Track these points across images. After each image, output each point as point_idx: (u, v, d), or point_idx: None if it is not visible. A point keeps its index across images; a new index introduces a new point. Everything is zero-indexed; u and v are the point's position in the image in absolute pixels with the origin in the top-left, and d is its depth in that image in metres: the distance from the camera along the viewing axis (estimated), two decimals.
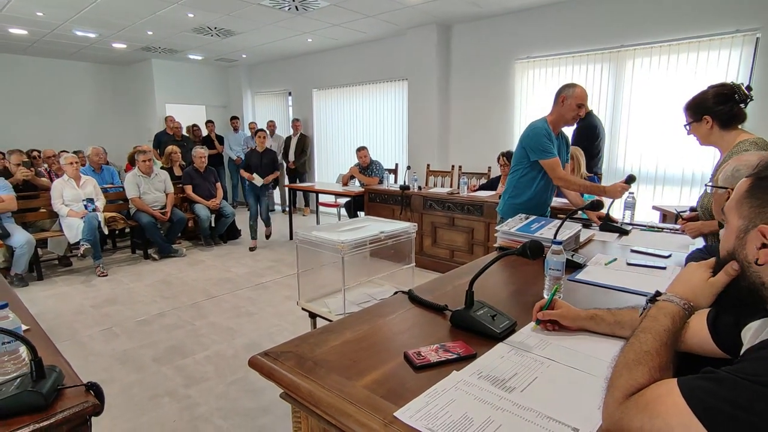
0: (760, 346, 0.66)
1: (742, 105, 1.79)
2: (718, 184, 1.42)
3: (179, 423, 2.21)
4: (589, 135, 4.23)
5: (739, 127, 1.81)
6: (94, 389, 0.97)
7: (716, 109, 1.79)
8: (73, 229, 4.51)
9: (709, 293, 0.81)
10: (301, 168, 7.59)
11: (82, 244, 4.42)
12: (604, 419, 0.74)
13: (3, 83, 7.41)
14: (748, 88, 1.79)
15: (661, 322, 0.79)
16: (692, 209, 2.49)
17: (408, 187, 4.72)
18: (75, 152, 5.56)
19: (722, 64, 3.91)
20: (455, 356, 1.03)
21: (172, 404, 2.36)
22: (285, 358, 1.04)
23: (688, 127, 1.91)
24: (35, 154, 6.04)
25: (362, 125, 7.12)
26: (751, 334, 0.83)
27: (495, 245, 2.12)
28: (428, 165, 5.71)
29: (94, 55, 7.57)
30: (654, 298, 0.86)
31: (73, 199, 4.64)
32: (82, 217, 4.52)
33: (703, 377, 0.65)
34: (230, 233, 5.96)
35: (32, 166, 5.66)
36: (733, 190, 0.77)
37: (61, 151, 5.61)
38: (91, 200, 4.73)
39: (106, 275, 4.55)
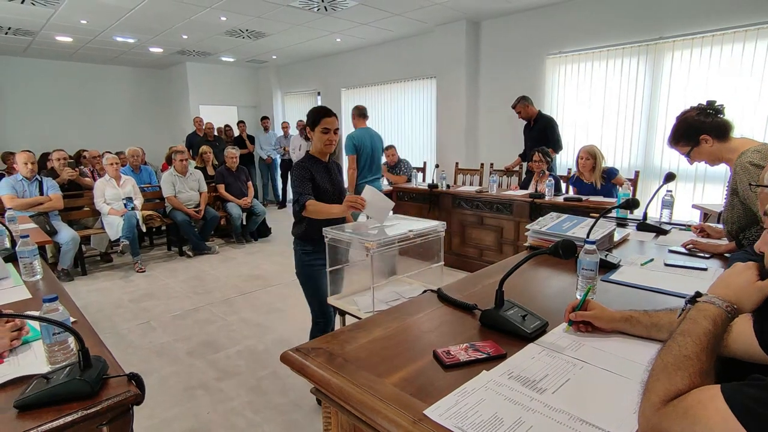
0: None
1: (721, 115, 1.76)
2: (764, 183, 1.34)
3: (213, 415, 2.28)
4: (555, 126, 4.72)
5: (732, 135, 1.75)
6: (135, 379, 1.02)
7: (707, 125, 1.75)
8: (114, 226, 4.72)
9: (755, 297, 0.76)
10: None
11: (122, 241, 4.62)
12: (640, 424, 0.72)
13: (50, 88, 7.82)
14: (712, 101, 1.79)
15: (701, 325, 0.75)
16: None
17: (436, 186, 4.70)
18: (117, 153, 5.80)
19: None
20: (485, 356, 1.03)
21: (206, 396, 2.44)
22: (316, 354, 1.06)
23: (688, 157, 1.86)
24: (85, 154, 6.35)
25: (390, 124, 7.12)
26: None
27: (525, 244, 2.08)
28: (457, 163, 5.66)
29: (133, 60, 7.88)
30: (694, 299, 0.83)
31: (114, 198, 4.85)
32: (121, 216, 4.72)
33: (749, 384, 0.62)
34: (261, 231, 6.09)
35: (78, 165, 5.95)
36: None
37: (105, 152, 5.87)
38: (130, 199, 4.93)
39: (144, 271, 4.74)
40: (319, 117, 2.18)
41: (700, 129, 1.77)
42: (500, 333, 1.16)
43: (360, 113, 4.42)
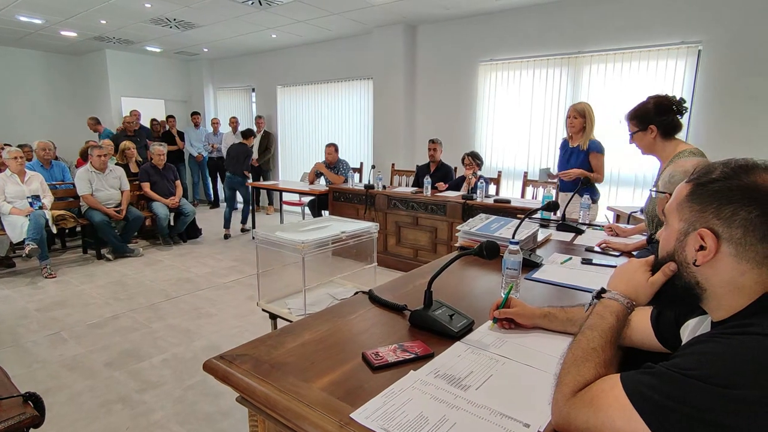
0: (692, 343, 0.70)
1: (679, 116, 1.92)
2: (660, 189, 1.52)
3: (133, 430, 2.12)
4: None
5: (676, 137, 1.94)
6: (32, 400, 0.92)
7: (660, 119, 1.91)
8: (17, 227, 4.24)
9: (649, 292, 0.84)
10: (264, 166, 7.45)
11: (27, 244, 4.16)
12: (553, 414, 0.77)
13: None
14: (682, 100, 1.93)
15: (607, 320, 0.82)
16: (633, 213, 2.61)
17: (372, 187, 4.73)
18: (20, 146, 5.21)
19: (669, 73, 4.14)
20: (413, 356, 1.04)
21: (125, 411, 2.26)
22: (241, 361, 1.02)
23: (631, 135, 2.01)
24: None
25: (327, 123, 7.06)
26: (689, 331, 0.89)
27: (456, 245, 2.15)
28: (393, 164, 5.73)
29: (43, 43, 7.13)
30: (599, 294, 0.90)
31: (17, 196, 4.36)
32: (26, 215, 4.26)
33: (643, 372, 0.68)
34: (190, 232, 5.77)
35: None
36: (671, 194, 0.81)
37: (4, 144, 5.25)
38: (37, 197, 4.46)
39: (55, 276, 4.31)
40: None
41: (653, 119, 1.89)
42: (429, 333, 1.18)
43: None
